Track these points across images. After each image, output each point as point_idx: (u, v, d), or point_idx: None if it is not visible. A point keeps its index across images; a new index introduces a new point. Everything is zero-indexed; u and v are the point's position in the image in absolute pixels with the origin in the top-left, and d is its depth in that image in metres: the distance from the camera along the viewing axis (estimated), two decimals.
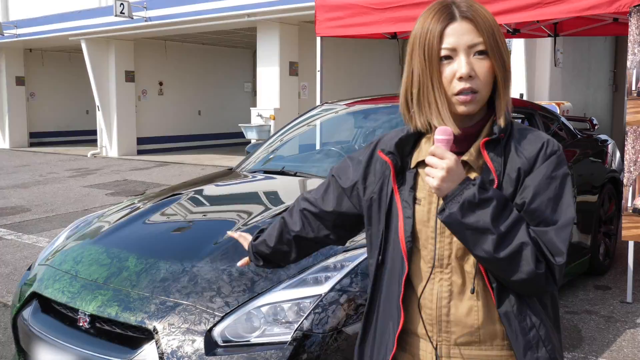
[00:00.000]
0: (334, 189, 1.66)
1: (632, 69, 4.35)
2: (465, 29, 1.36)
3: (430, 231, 1.44)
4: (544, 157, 1.38)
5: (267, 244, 1.77)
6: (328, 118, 4.77)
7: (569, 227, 1.35)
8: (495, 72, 1.38)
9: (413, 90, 1.42)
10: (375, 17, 5.61)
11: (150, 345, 2.38)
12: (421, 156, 1.47)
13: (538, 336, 1.39)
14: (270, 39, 12.63)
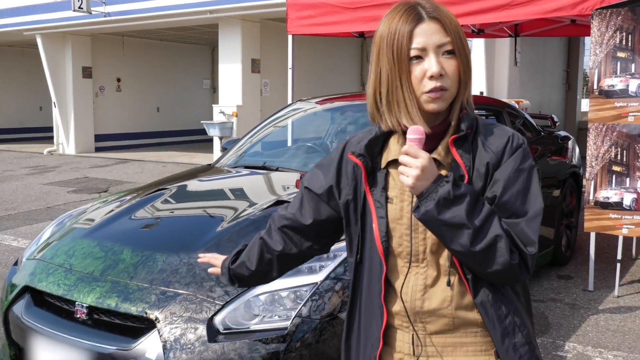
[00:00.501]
0: (308, 200, 1.65)
1: (594, 68, 4.58)
2: (434, 29, 1.39)
3: (404, 228, 1.47)
4: (510, 151, 1.42)
5: (248, 267, 1.73)
6: (302, 115, 4.87)
7: (539, 218, 1.40)
8: (460, 71, 1.42)
9: (382, 89, 1.43)
10: (346, 16, 5.74)
11: (152, 334, 2.44)
12: (391, 156, 1.50)
13: (514, 322, 1.43)
14: (232, 36, 12.63)
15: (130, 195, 3.55)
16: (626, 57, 4.47)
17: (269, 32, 13.48)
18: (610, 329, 4.05)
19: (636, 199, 4.51)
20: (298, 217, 1.67)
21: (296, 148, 4.45)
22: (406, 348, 1.50)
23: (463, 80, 1.42)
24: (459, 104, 1.43)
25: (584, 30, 7.28)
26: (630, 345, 3.82)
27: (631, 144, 4.51)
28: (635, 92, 4.46)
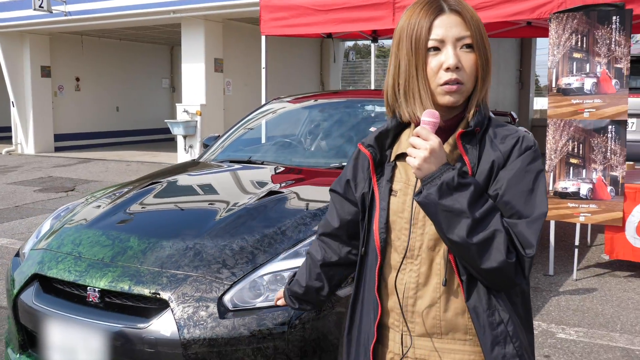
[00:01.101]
0: (334, 202, 1.68)
1: (553, 68, 4.94)
2: (454, 22, 1.37)
3: (404, 222, 1.45)
4: (519, 152, 1.39)
5: (300, 283, 1.76)
6: (280, 112, 5.11)
7: (541, 221, 1.34)
8: (479, 66, 1.40)
9: (400, 80, 1.43)
10: (318, 18, 5.99)
11: (165, 313, 2.64)
12: (400, 149, 1.50)
13: (506, 332, 1.36)
14: (195, 35, 12.74)
15: (126, 188, 3.72)
16: (581, 57, 4.84)
17: (231, 32, 13.64)
18: (570, 308, 4.41)
19: (592, 189, 4.89)
20: (329, 221, 1.70)
21: (277, 144, 4.67)
22: (396, 348, 1.50)
23: (481, 76, 1.40)
24: (476, 100, 1.42)
25: (538, 31, 7.71)
26: (589, 322, 4.18)
27: (587, 138, 4.88)
28: (590, 90, 4.83)
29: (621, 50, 4.74)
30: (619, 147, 4.82)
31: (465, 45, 1.37)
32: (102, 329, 2.70)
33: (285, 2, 6.06)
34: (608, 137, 4.84)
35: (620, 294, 4.71)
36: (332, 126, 4.62)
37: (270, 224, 3.01)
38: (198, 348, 2.56)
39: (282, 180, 3.68)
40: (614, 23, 4.71)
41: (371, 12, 5.62)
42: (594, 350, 3.71)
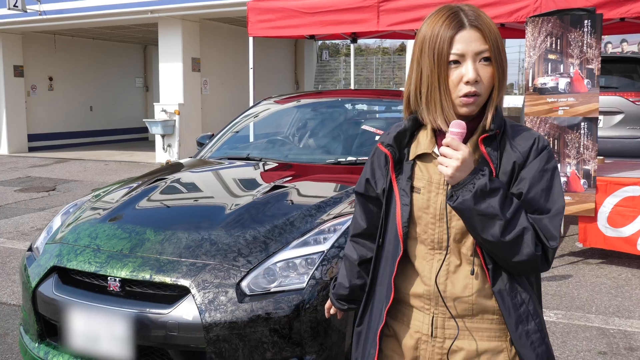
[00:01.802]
0: (359, 203, 1.79)
1: (529, 68, 5.25)
2: (474, 37, 1.46)
3: (430, 217, 1.56)
4: (536, 152, 1.50)
5: (344, 285, 1.85)
6: (273, 111, 5.32)
7: (561, 215, 1.48)
8: (495, 77, 1.49)
9: (422, 89, 1.52)
10: (304, 20, 6.21)
11: (187, 299, 2.83)
12: (420, 149, 1.59)
13: (528, 311, 1.50)
14: (172, 35, 12.84)
15: (135, 184, 3.89)
16: (556, 59, 5.15)
17: (208, 32, 13.77)
18: (549, 293, 4.72)
19: (567, 182, 5.20)
20: (359, 222, 1.80)
21: (273, 141, 4.88)
22: (425, 329, 1.59)
23: (497, 87, 1.50)
24: (493, 107, 1.51)
25: (512, 33, 8.05)
26: (566, 305, 4.49)
27: (561, 134, 5.20)
28: (564, 89, 5.15)
29: (592, 52, 5.06)
30: (591, 142, 5.14)
31: (484, 58, 1.47)
32: (126, 315, 2.88)
33: (272, 4, 6.28)
34: (581, 133, 5.16)
35: (594, 279, 5.04)
36: (324, 124, 4.85)
37: (278, 216, 3.22)
38: (219, 330, 2.76)
39: (284, 175, 3.89)
40: (586, 26, 5.03)
41: (356, 15, 5.86)
42: (572, 330, 4.02)
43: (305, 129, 4.93)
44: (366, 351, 1.67)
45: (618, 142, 8.59)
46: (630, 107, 8.67)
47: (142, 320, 2.85)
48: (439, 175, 1.55)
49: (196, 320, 2.78)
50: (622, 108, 8.70)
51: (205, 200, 3.66)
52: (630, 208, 5.11)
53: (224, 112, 14.63)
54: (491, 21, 1.50)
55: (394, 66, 28.87)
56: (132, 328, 2.86)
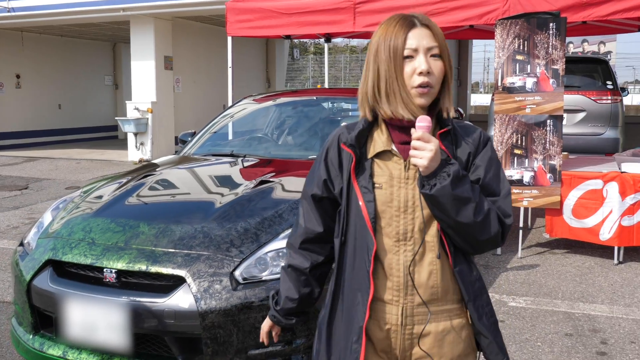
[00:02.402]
0: (312, 207, 1.81)
1: (498, 69, 5.50)
2: (425, 34, 1.60)
3: (394, 210, 1.65)
4: (484, 143, 1.69)
5: (291, 297, 1.86)
6: (255, 109, 5.48)
7: (510, 195, 1.66)
8: (445, 71, 1.64)
9: (381, 84, 1.62)
10: (282, 20, 6.37)
11: (182, 288, 2.98)
12: (378, 148, 1.69)
13: (480, 285, 1.69)
14: (144, 33, 12.86)
15: (124, 179, 4.01)
16: (523, 59, 5.41)
17: (180, 30, 13.81)
18: (518, 282, 4.98)
19: (533, 176, 5.47)
20: (311, 228, 1.81)
21: (255, 138, 5.04)
22: (394, 320, 1.67)
23: (447, 81, 1.66)
24: (445, 101, 1.66)
25: (480, 34, 8.34)
26: (535, 292, 4.75)
27: (529, 131, 5.46)
28: (531, 88, 5.41)
29: (557, 53, 5.33)
30: (557, 139, 5.42)
31: (434, 54, 1.61)
32: (123, 304, 3.01)
33: (250, 5, 6.42)
34: (547, 130, 5.43)
35: (560, 268, 5.32)
36: (304, 122, 5.03)
37: (267, 209, 3.39)
38: (214, 317, 2.92)
39: (269, 171, 4.05)
40: (551, 29, 5.30)
41: (333, 16, 6.05)
42: (541, 315, 4.27)
43: (287, 127, 5.10)
44: (348, 346, 1.69)
45: (581, 139, 8.96)
46: (592, 105, 9.05)
47: (139, 309, 2.99)
48: (399, 170, 1.66)
49: (192, 307, 2.93)
50: (584, 106, 9.07)
51: (196, 195, 3.81)
52: (593, 200, 5.40)
53: (196, 110, 14.68)
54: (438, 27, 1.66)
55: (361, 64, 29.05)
56: (130, 317, 2.99)
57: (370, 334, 1.70)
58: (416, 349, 1.69)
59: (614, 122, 9.00)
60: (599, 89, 9.17)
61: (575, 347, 3.77)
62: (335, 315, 1.75)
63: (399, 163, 1.67)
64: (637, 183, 5.29)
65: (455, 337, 1.69)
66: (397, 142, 1.67)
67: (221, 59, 15.05)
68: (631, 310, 4.37)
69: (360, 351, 1.66)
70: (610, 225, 5.35)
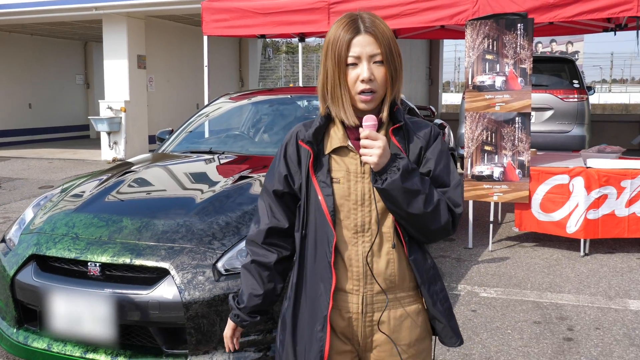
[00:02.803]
0: (276, 203, 1.84)
1: (469, 68, 5.67)
2: (368, 42, 1.64)
3: (352, 204, 1.71)
4: (434, 137, 1.77)
5: (255, 293, 1.86)
6: (232, 107, 5.57)
7: (460, 186, 1.75)
8: (388, 77, 1.68)
9: (328, 87, 1.70)
10: (257, 20, 6.47)
11: (166, 279, 3.07)
12: (334, 144, 1.74)
13: (434, 274, 1.78)
14: (117, 32, 12.82)
15: (104, 176, 4.08)
16: (493, 59, 5.59)
17: (153, 29, 13.79)
18: (489, 273, 5.15)
19: (503, 172, 5.66)
20: (274, 224, 1.84)
21: (232, 135, 5.14)
22: (355, 308, 1.74)
23: (390, 85, 1.69)
24: (388, 104, 1.72)
25: (451, 34, 8.53)
26: (505, 283, 4.93)
27: (498, 128, 5.65)
28: (500, 87, 5.59)
29: (525, 52, 5.52)
30: (525, 135, 5.61)
31: (377, 61, 1.65)
32: (108, 296, 3.09)
33: (226, 4, 6.50)
34: (516, 127, 5.62)
35: (529, 260, 5.52)
36: (280, 119, 5.13)
37: (247, 203, 3.49)
38: (198, 308, 3.01)
39: (247, 167, 4.16)
40: (519, 30, 5.49)
41: (307, 16, 6.16)
42: (511, 304, 4.45)
43: (263, 124, 5.20)
44: (313, 335, 1.74)
45: (549, 136, 9.21)
46: (560, 103, 9.31)
47: (124, 301, 3.07)
48: (355, 165, 1.72)
49: (176, 298, 3.02)
50: (552, 105, 9.32)
51: (176, 191, 3.89)
52: (560, 195, 5.60)
53: (169, 109, 14.67)
54: (386, 27, 1.69)
55: None
56: (115, 308, 3.07)
57: (333, 322, 1.75)
58: (377, 335, 1.76)
59: (580, 119, 9.27)
60: (566, 87, 9.43)
61: (544, 333, 3.95)
62: (300, 306, 1.79)
63: (355, 158, 1.72)
64: (601, 178, 5.50)
65: (412, 322, 1.77)
66: (352, 139, 1.74)
67: (194, 58, 15.08)
68: (596, 298, 4.57)
69: (325, 339, 1.71)
70: (576, 219, 5.56)
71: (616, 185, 5.49)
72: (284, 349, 1.83)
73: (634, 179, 5.46)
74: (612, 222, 5.53)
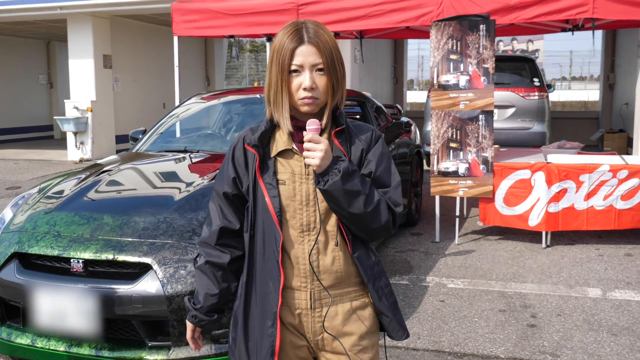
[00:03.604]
0: (226, 205, 1.88)
1: (434, 67, 5.87)
2: (310, 52, 1.71)
3: (297, 204, 1.79)
4: (375, 140, 1.85)
5: (211, 293, 1.90)
6: (202, 107, 5.68)
7: (400, 186, 1.84)
8: (329, 85, 1.75)
9: (271, 92, 1.76)
10: (228, 21, 6.57)
11: (149, 274, 3.17)
12: (280, 147, 1.81)
13: (378, 270, 1.86)
14: (83, 32, 12.75)
15: (83, 175, 4.15)
16: (457, 59, 5.80)
17: (119, 28, 13.74)
18: (456, 266, 5.36)
19: (468, 167, 5.87)
20: (226, 226, 1.89)
21: (206, 134, 5.24)
22: (303, 304, 1.81)
23: (331, 92, 1.77)
24: (329, 109, 1.79)
25: (416, 33, 8.74)
26: (471, 274, 5.14)
27: (463, 125, 5.86)
28: (464, 85, 5.80)
29: (487, 52, 5.74)
30: (488, 132, 5.83)
31: (319, 69, 1.73)
32: (92, 291, 3.17)
33: (196, 5, 6.59)
34: (479, 124, 5.84)
35: (494, 252, 5.75)
36: (252, 118, 5.25)
37: None
38: (180, 300, 3.12)
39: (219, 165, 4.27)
40: (482, 30, 5.71)
41: (277, 17, 6.29)
42: (477, 295, 4.66)
43: (235, 123, 5.32)
44: (264, 331, 1.80)
45: (511, 133, 9.51)
46: (521, 101, 9.62)
47: (108, 295, 3.16)
48: (300, 167, 1.79)
49: (159, 292, 3.13)
50: (513, 102, 9.62)
51: (155, 189, 3.99)
52: (522, 189, 5.84)
53: (136, 109, 14.62)
54: (330, 37, 1.76)
55: None
56: (99, 303, 3.15)
57: (283, 319, 1.82)
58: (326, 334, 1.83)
59: (540, 117, 9.59)
60: (527, 86, 9.75)
61: (509, 320, 4.16)
62: (250, 304, 1.85)
63: (300, 160, 1.79)
64: (561, 172, 5.76)
65: (359, 315, 1.85)
66: (296, 142, 1.81)
67: (161, 57, 15.06)
68: (557, 287, 4.81)
69: (275, 334, 1.78)
70: (538, 212, 5.81)
71: (575, 179, 5.75)
72: (236, 346, 1.88)
73: (592, 173, 5.73)
74: (572, 215, 5.80)
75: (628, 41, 12.50)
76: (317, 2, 6.20)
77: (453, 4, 5.82)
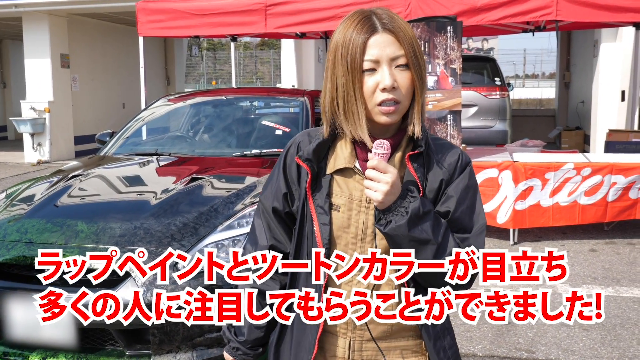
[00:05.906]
0: (274, 222, 1.59)
1: None
2: (388, 41, 1.35)
3: (351, 237, 1.45)
4: (461, 168, 1.45)
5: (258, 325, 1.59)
6: (172, 109, 5.60)
7: (484, 233, 1.44)
8: (414, 83, 1.38)
9: (339, 100, 1.40)
10: (194, 21, 6.49)
11: (128, 281, 3.11)
12: (339, 164, 1.46)
13: (444, 326, 1.47)
14: (39, 30, 12.44)
15: (55, 178, 4.05)
16: (425, 59, 5.85)
17: (76, 27, 13.44)
18: None
19: None
20: (276, 245, 1.58)
21: (177, 137, 5.17)
22: (341, 352, 1.50)
23: (418, 93, 1.40)
24: (418, 118, 1.42)
25: None
26: None
27: (431, 125, 5.92)
28: (432, 86, 5.87)
29: (455, 53, 5.81)
30: (457, 132, 5.91)
31: (400, 64, 1.37)
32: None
33: (161, 5, 6.49)
34: (448, 124, 5.91)
35: None
36: (225, 120, 5.21)
37: (203, 204, 3.56)
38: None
39: (197, 168, 4.21)
40: (449, 32, 5.78)
41: (244, 18, 6.24)
42: None
43: (206, 126, 5.26)
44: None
45: (473, 132, 9.67)
46: (483, 100, 9.78)
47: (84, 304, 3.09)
48: (360, 192, 1.45)
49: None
50: (476, 101, 9.78)
51: (129, 194, 3.91)
52: (490, 187, 5.94)
53: (95, 109, 14.33)
54: (407, 24, 1.41)
55: (255, 61, 29.42)
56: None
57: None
58: None
59: (502, 115, 9.77)
60: (488, 85, 9.92)
61: (483, 318, 4.22)
62: (284, 340, 1.59)
63: (362, 183, 1.44)
64: (528, 171, 5.87)
65: None
66: (361, 159, 1.46)
67: (120, 56, 14.80)
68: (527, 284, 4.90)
69: None
70: (505, 210, 5.92)
71: (541, 177, 5.88)
72: None
73: (557, 171, 5.86)
74: (538, 212, 5.92)
75: (583, 41, 12.83)
76: (285, 2, 6.17)
77: (421, 5, 5.88)
